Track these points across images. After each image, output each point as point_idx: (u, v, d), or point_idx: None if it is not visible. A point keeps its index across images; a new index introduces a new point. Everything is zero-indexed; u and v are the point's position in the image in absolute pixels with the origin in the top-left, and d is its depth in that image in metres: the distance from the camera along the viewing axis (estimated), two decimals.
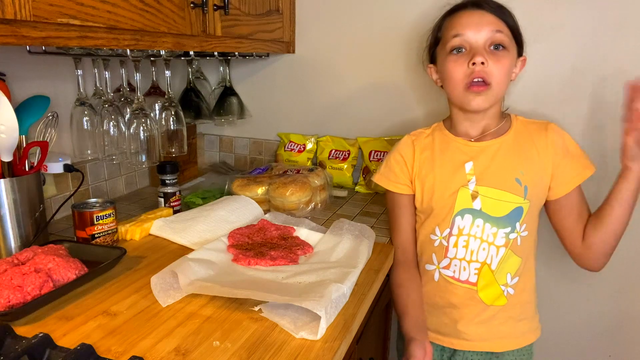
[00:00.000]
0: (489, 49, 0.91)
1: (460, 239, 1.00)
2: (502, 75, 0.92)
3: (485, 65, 0.90)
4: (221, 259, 0.96)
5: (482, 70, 0.90)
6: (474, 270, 1.00)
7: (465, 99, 0.94)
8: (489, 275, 0.99)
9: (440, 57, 0.99)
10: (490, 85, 0.91)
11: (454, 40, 0.93)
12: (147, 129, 1.21)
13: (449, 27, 0.96)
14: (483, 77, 0.91)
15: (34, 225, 0.99)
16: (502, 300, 1.01)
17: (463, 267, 1.00)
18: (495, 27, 0.91)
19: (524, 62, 1.00)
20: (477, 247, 0.99)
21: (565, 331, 1.47)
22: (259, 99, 1.69)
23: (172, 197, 1.24)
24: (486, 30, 0.91)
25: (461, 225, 1.00)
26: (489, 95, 0.92)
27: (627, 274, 1.37)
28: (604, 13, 1.24)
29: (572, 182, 0.98)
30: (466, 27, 0.92)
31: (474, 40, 0.91)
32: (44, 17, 0.68)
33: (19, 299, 0.75)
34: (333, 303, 0.79)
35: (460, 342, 1.04)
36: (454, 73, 0.93)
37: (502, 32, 0.91)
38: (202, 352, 0.69)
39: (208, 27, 1.07)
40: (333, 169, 1.57)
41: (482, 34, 0.91)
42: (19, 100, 1.01)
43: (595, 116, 1.31)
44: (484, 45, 0.91)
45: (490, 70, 0.90)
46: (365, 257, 0.99)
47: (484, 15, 0.92)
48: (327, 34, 1.54)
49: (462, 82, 0.93)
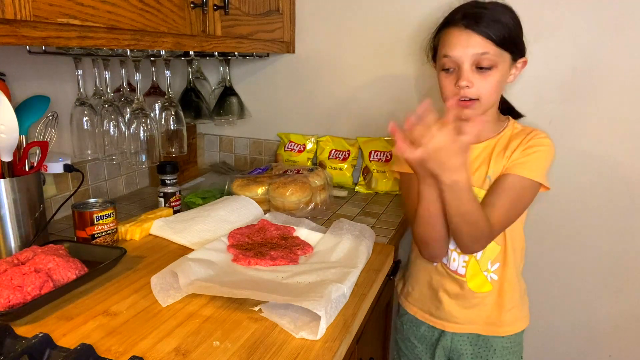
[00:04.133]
0: (475, 69, 0.94)
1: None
2: (489, 90, 0.95)
3: (471, 87, 0.94)
4: (221, 259, 0.96)
5: (468, 91, 0.94)
6: (462, 262, 1.05)
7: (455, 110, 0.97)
8: (475, 266, 1.05)
9: (437, 64, 1.02)
10: (479, 100, 0.95)
11: (443, 60, 0.97)
12: (147, 129, 1.21)
13: (441, 43, 0.99)
14: (469, 96, 0.95)
15: (34, 225, 0.99)
16: (487, 287, 1.05)
17: (453, 258, 1.05)
18: (481, 49, 0.92)
19: (524, 63, 1.00)
20: None
21: (565, 331, 1.47)
22: (259, 99, 1.69)
23: (172, 197, 1.24)
24: (471, 52, 0.93)
25: None
26: (476, 108, 0.96)
27: (627, 274, 1.37)
28: (603, 13, 1.25)
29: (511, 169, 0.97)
30: (454, 48, 0.95)
31: (460, 62, 0.94)
32: (44, 17, 0.68)
33: (19, 299, 0.75)
34: (333, 303, 0.79)
35: (451, 324, 1.09)
36: (444, 89, 0.99)
37: (488, 53, 0.93)
38: (202, 352, 0.69)
39: (208, 27, 1.07)
40: (333, 169, 1.57)
41: (468, 57, 0.93)
42: (19, 100, 1.01)
43: (594, 116, 1.31)
44: (470, 66, 0.94)
45: (477, 90, 0.94)
46: (365, 257, 0.99)
47: (470, 36, 0.93)
48: (327, 34, 1.54)
49: (451, 97, 0.97)
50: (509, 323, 1.08)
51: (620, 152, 1.30)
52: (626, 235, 1.36)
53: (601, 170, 1.33)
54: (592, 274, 1.41)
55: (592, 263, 1.40)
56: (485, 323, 1.07)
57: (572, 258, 1.42)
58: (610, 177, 1.33)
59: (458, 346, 1.10)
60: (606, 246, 1.37)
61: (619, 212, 1.34)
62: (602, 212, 1.36)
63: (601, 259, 1.39)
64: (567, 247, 1.42)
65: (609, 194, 1.34)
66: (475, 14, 0.93)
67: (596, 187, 1.34)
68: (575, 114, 1.32)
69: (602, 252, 1.38)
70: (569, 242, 1.41)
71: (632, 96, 1.27)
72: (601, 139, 1.32)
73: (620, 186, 1.33)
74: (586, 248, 1.40)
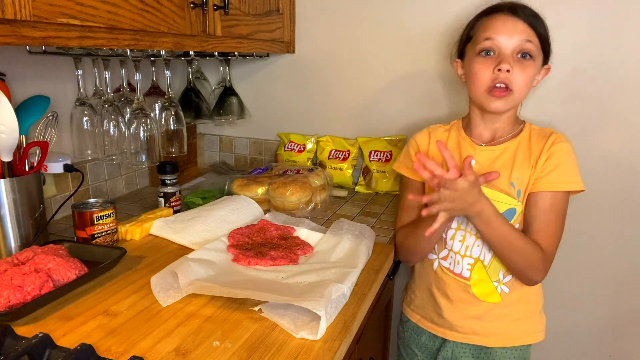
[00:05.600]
0: (516, 56, 0.94)
1: (457, 233, 1.03)
2: (524, 83, 0.94)
3: (510, 72, 0.93)
4: (221, 259, 0.96)
5: (507, 77, 0.93)
6: (467, 265, 1.02)
7: (485, 101, 0.97)
8: (481, 272, 1.02)
9: (468, 54, 1.01)
10: (512, 92, 0.95)
11: (484, 43, 0.96)
12: (147, 129, 1.21)
13: (482, 28, 0.98)
14: (506, 83, 0.94)
15: (34, 225, 0.99)
16: (496, 298, 1.02)
17: (457, 261, 1.03)
18: (526, 36, 0.93)
19: (547, 70, 1.01)
20: (472, 243, 1.01)
21: (565, 331, 1.47)
22: (259, 99, 1.69)
23: (172, 197, 1.24)
24: (517, 37, 0.93)
25: (460, 220, 1.02)
26: (509, 100, 0.96)
27: (627, 274, 1.37)
28: (603, 13, 1.25)
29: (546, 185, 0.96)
30: (499, 31, 0.94)
31: (504, 47, 0.94)
32: (44, 17, 0.68)
33: (19, 299, 0.75)
34: (333, 303, 0.79)
35: (453, 333, 1.07)
36: (479, 74, 0.96)
37: (532, 41, 0.93)
38: (202, 352, 0.69)
39: (208, 27, 1.07)
40: (333, 169, 1.57)
41: (513, 41, 0.93)
42: (19, 100, 1.01)
43: (595, 116, 1.31)
44: (512, 53, 0.94)
45: (514, 78, 0.93)
46: (365, 257, 0.99)
47: (517, 22, 0.94)
48: (327, 34, 1.54)
49: (485, 84, 0.96)
50: (514, 335, 1.04)
51: (621, 151, 1.30)
52: (626, 235, 1.36)
53: (601, 170, 1.33)
54: (592, 273, 1.41)
55: (592, 263, 1.40)
56: (489, 334, 1.04)
57: (572, 258, 1.42)
58: (610, 177, 1.33)
59: (458, 358, 1.08)
60: (606, 246, 1.37)
61: (619, 211, 1.34)
62: (602, 212, 1.36)
63: (601, 259, 1.39)
64: (567, 247, 1.42)
65: (609, 193, 1.34)
66: (521, 6, 0.95)
67: (596, 187, 1.34)
68: (575, 114, 1.32)
69: (602, 252, 1.38)
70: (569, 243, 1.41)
71: (632, 96, 1.27)
72: (601, 139, 1.32)
73: (620, 186, 1.32)
74: (586, 248, 1.39)
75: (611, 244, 1.37)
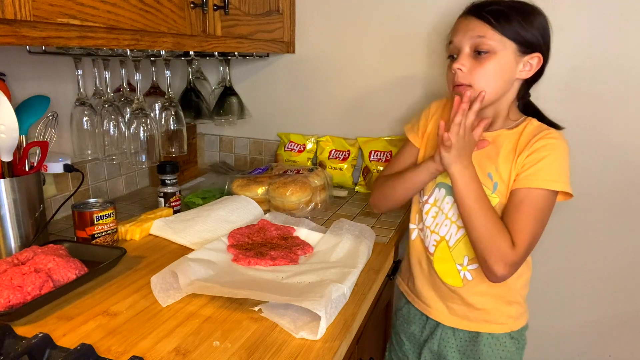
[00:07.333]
0: (473, 53, 0.94)
1: (432, 209, 1.05)
2: (483, 77, 0.94)
3: (464, 71, 0.94)
4: (221, 259, 0.96)
5: (463, 76, 0.95)
6: (433, 241, 1.05)
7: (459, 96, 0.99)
8: (445, 251, 1.03)
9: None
10: (471, 87, 0.95)
11: (449, 47, 0.99)
12: (147, 129, 1.21)
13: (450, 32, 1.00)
14: (461, 82, 0.95)
15: (34, 225, 0.99)
16: (457, 282, 1.03)
17: (427, 235, 1.06)
18: (478, 33, 0.93)
19: (539, 59, 0.97)
20: (441, 222, 1.03)
21: (565, 331, 1.47)
22: (259, 99, 1.69)
23: (172, 197, 1.24)
24: (469, 35, 0.94)
25: (437, 197, 1.05)
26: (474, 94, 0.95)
27: (626, 274, 1.37)
28: (603, 13, 1.25)
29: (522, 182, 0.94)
30: (456, 33, 0.97)
31: (460, 47, 0.96)
32: (44, 17, 0.68)
33: (19, 299, 0.75)
34: (333, 303, 0.79)
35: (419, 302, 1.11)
36: (447, 77, 1.01)
37: (485, 36, 0.92)
38: (202, 352, 0.69)
39: (208, 27, 1.07)
40: (333, 169, 1.57)
41: (466, 40, 0.94)
42: (19, 100, 1.01)
43: (595, 116, 1.31)
44: (469, 51, 0.95)
45: (472, 75, 0.94)
46: (365, 257, 0.99)
47: (470, 21, 0.94)
48: (327, 34, 1.54)
49: (450, 86, 0.99)
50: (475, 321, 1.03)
51: (621, 151, 1.30)
52: (626, 235, 1.36)
53: (601, 170, 1.33)
54: (592, 273, 1.41)
55: (592, 263, 1.40)
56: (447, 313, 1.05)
57: (572, 258, 1.42)
58: (610, 177, 1.33)
59: (444, 351, 1.07)
60: (606, 246, 1.37)
61: (619, 211, 1.34)
62: (602, 211, 1.36)
63: (601, 259, 1.39)
64: (566, 247, 1.42)
65: (609, 193, 1.34)
66: (481, 3, 0.95)
67: (596, 187, 1.34)
68: (575, 114, 1.32)
69: (602, 252, 1.38)
70: (569, 243, 1.41)
71: (632, 95, 1.27)
72: (601, 139, 1.31)
73: (621, 185, 1.32)
74: (586, 248, 1.39)
75: (611, 243, 1.37)
